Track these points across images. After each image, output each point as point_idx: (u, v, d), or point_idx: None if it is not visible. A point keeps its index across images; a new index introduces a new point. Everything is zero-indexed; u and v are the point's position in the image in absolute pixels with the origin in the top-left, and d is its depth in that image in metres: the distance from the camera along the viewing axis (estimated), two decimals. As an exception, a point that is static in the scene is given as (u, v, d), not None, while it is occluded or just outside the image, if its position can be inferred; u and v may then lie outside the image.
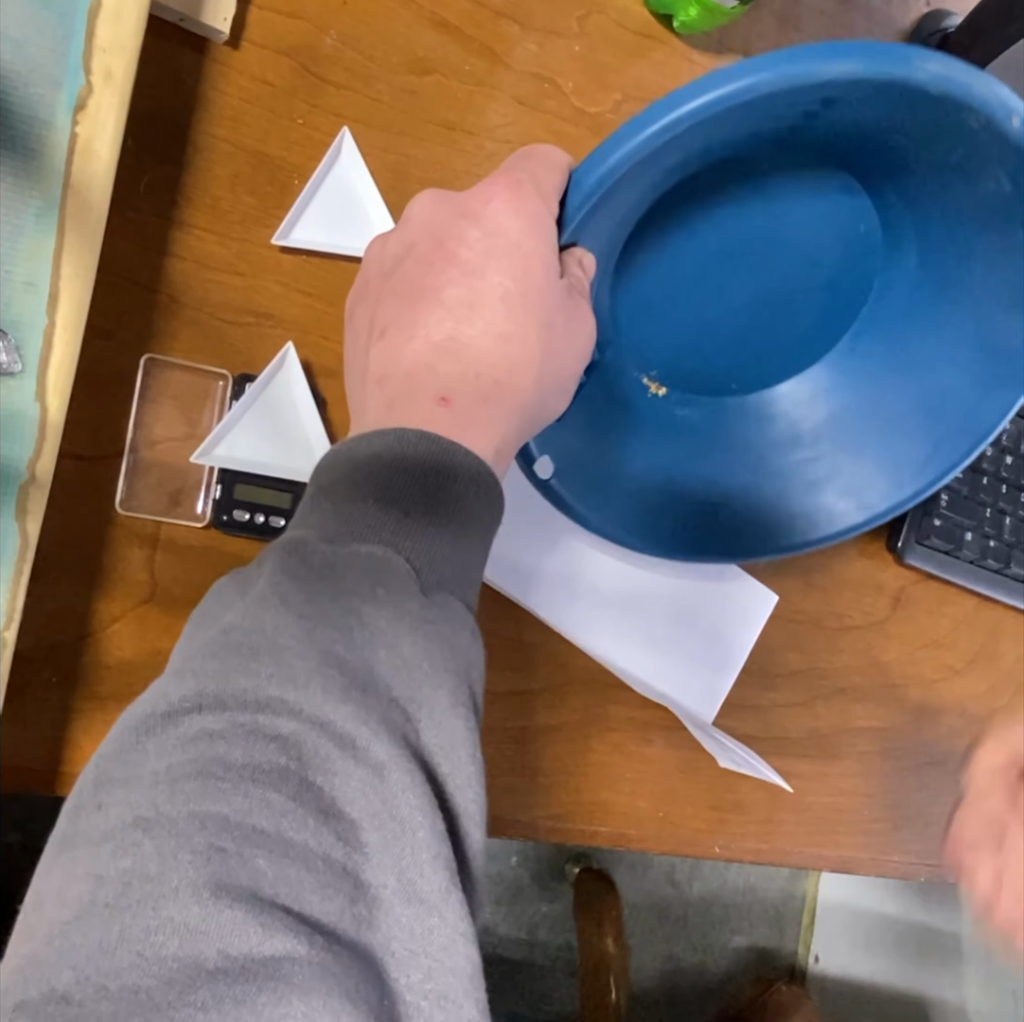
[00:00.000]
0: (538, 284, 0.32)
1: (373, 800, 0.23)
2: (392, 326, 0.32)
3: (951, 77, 0.32)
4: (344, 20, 0.48)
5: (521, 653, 0.53)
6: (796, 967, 1.62)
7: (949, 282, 0.45)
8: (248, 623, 0.26)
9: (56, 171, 0.36)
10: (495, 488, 0.32)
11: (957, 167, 0.38)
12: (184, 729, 0.24)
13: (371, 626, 0.26)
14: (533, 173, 0.34)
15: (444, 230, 0.32)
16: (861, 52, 0.31)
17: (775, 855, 0.60)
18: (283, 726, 0.24)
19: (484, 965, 0.23)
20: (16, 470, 0.37)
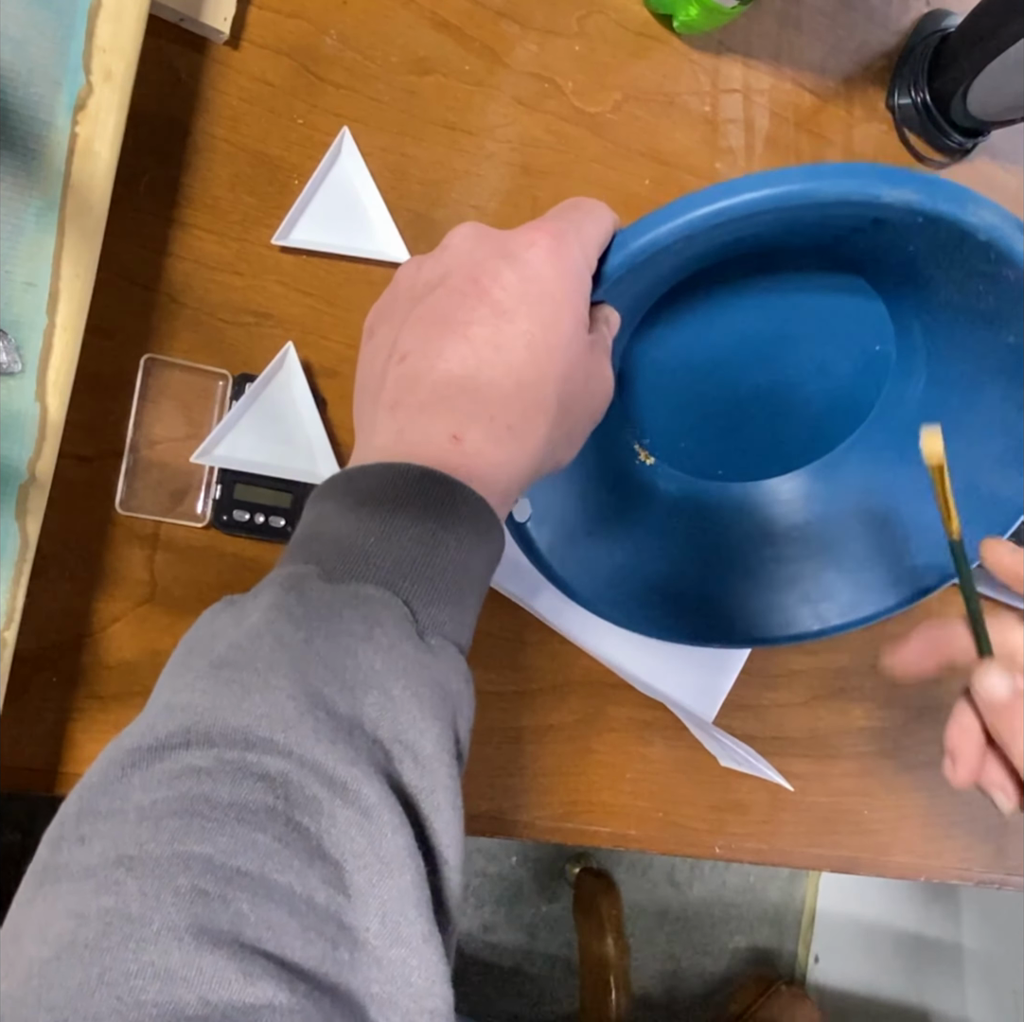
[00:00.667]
0: (565, 336, 0.32)
1: (360, 842, 0.23)
2: (414, 353, 0.32)
3: (1001, 228, 0.33)
4: (344, 20, 0.48)
5: (521, 653, 0.53)
6: (796, 967, 1.63)
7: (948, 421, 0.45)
8: (240, 659, 0.26)
9: (56, 171, 0.36)
10: (497, 532, 0.31)
11: (984, 313, 0.38)
12: (171, 764, 0.24)
13: (365, 667, 0.26)
14: (579, 225, 0.34)
15: (481, 266, 0.32)
16: (922, 183, 0.32)
17: (775, 855, 0.60)
18: (271, 765, 0.23)
19: (484, 965, 0.24)
20: (16, 470, 0.37)
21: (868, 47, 0.63)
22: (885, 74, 0.64)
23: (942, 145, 0.64)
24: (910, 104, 0.63)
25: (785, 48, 0.60)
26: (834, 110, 0.62)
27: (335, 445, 0.47)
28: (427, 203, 0.50)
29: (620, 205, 0.55)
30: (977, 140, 0.65)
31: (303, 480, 0.46)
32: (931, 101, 0.63)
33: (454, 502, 0.30)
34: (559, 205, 0.36)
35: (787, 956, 1.63)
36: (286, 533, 0.46)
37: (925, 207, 0.32)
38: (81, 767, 0.43)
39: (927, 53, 0.63)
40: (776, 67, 0.60)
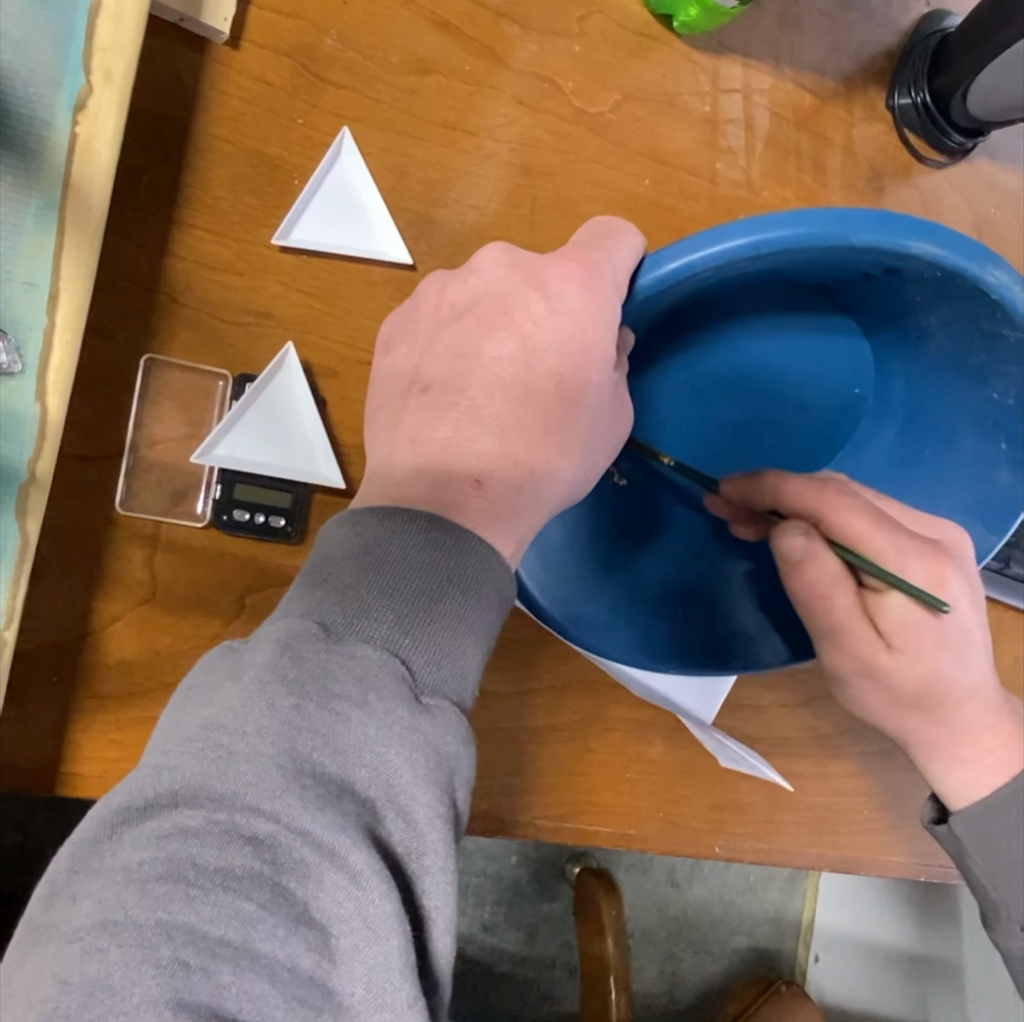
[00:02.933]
0: (594, 379, 0.31)
1: (347, 907, 0.23)
2: (439, 385, 0.31)
3: (1013, 290, 0.34)
4: (344, 20, 0.48)
5: (521, 653, 0.53)
6: (796, 967, 1.63)
7: (920, 465, 0.45)
8: (231, 722, 0.25)
9: (56, 171, 0.36)
10: (507, 582, 0.31)
11: (973, 366, 0.39)
12: (160, 823, 0.23)
13: (358, 733, 0.26)
14: (613, 256, 0.32)
15: (512, 296, 0.31)
16: (949, 239, 0.33)
17: (775, 855, 0.60)
18: (260, 828, 0.23)
19: (484, 965, 0.24)
20: (16, 470, 0.37)
21: (868, 47, 0.63)
22: (885, 74, 0.64)
23: (942, 145, 0.64)
24: (910, 104, 0.63)
25: (785, 48, 0.60)
26: (834, 110, 0.62)
27: (335, 445, 0.47)
28: (427, 203, 0.50)
29: (620, 205, 0.55)
30: (977, 140, 0.65)
31: (303, 480, 0.46)
32: (931, 101, 0.63)
33: (463, 554, 0.29)
34: (589, 226, 0.35)
35: (787, 956, 1.63)
36: (286, 533, 0.46)
37: (947, 262, 0.33)
38: (81, 767, 0.43)
39: (927, 53, 0.63)
40: (776, 67, 0.60)
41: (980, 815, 0.41)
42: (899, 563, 0.38)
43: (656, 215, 0.56)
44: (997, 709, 0.41)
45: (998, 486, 0.42)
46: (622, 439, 0.35)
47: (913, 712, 0.41)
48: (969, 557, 0.40)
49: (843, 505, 0.39)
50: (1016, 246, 0.68)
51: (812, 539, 0.40)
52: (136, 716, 0.44)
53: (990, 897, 0.41)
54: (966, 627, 0.39)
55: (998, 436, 0.41)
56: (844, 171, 0.62)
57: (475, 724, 0.52)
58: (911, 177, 0.65)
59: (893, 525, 0.39)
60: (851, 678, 0.41)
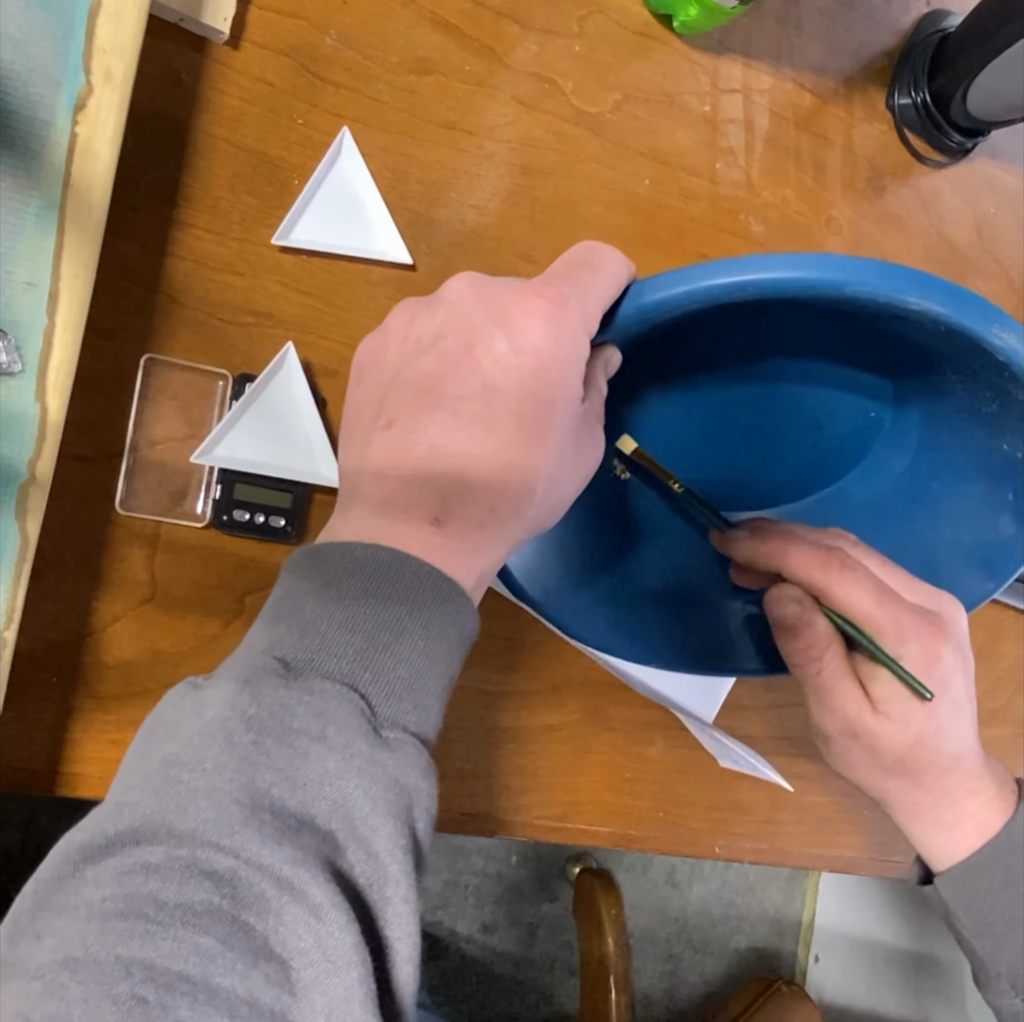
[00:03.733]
0: (557, 416, 0.31)
1: (307, 939, 0.23)
2: (401, 421, 0.31)
3: (1022, 354, 0.32)
4: (344, 20, 0.48)
5: (521, 653, 0.53)
6: (796, 967, 1.63)
7: (927, 499, 0.45)
8: (191, 758, 0.26)
9: (56, 171, 0.36)
10: (469, 615, 0.31)
11: (985, 415, 0.38)
12: (122, 859, 0.24)
13: (317, 767, 0.26)
14: (584, 291, 0.32)
15: (476, 332, 0.31)
16: (951, 297, 0.31)
17: (775, 855, 0.60)
18: (220, 863, 0.24)
19: (484, 965, 0.24)
20: (16, 470, 0.37)
21: (868, 47, 0.63)
22: (885, 74, 0.64)
23: (942, 145, 0.64)
24: (910, 104, 0.63)
25: (785, 48, 0.60)
26: (834, 110, 0.62)
27: (335, 445, 0.47)
28: (427, 203, 0.50)
29: (620, 205, 0.55)
30: (977, 140, 0.65)
31: (303, 480, 0.46)
32: (931, 101, 0.63)
33: (423, 588, 0.29)
34: (570, 254, 0.34)
35: (787, 956, 1.63)
36: (286, 533, 0.46)
37: (950, 320, 0.32)
38: (81, 767, 0.43)
39: (927, 53, 0.63)
40: (776, 67, 0.60)
41: (963, 876, 0.41)
42: (896, 640, 0.39)
43: (656, 215, 0.56)
44: (979, 775, 0.41)
45: (1001, 535, 0.41)
46: (591, 469, 0.35)
47: (896, 775, 0.41)
48: (963, 630, 0.41)
49: (846, 580, 0.40)
50: (1016, 246, 0.68)
51: (806, 607, 0.41)
52: (136, 716, 0.44)
53: (978, 956, 0.42)
54: (956, 701, 0.40)
55: (1006, 486, 0.40)
56: (844, 171, 0.62)
57: (477, 725, 0.53)
58: (911, 177, 0.65)
59: (893, 600, 0.40)
60: (837, 736, 0.42)
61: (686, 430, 0.47)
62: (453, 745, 0.51)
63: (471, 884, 1.40)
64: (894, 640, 0.39)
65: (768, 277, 0.31)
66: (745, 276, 0.31)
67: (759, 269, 0.31)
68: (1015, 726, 0.68)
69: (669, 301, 0.33)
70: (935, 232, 0.65)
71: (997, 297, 0.68)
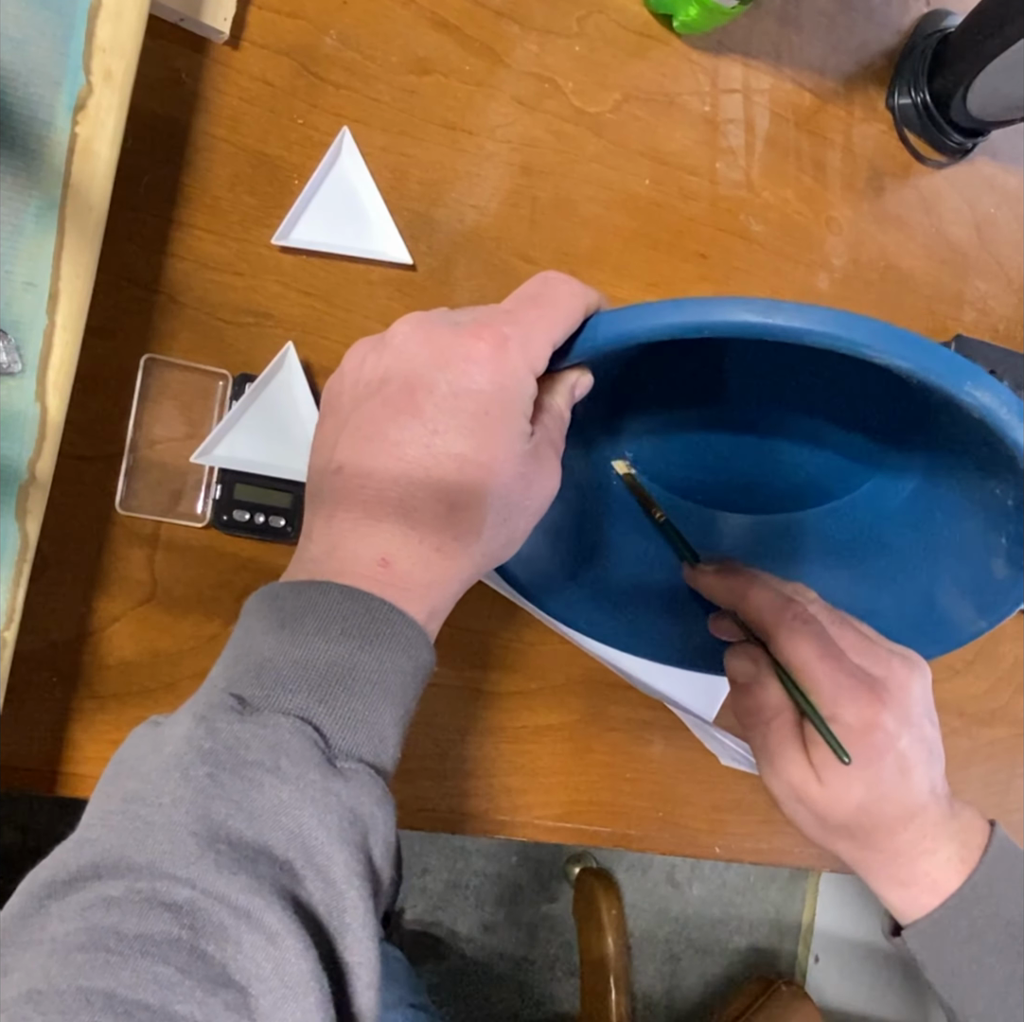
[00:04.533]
0: (499, 455, 0.32)
1: (265, 966, 0.24)
2: (348, 467, 0.32)
3: (997, 413, 0.31)
4: (344, 20, 0.48)
5: (521, 653, 0.53)
6: (796, 967, 1.62)
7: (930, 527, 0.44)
8: (149, 794, 0.26)
9: (56, 171, 0.36)
10: (423, 647, 0.32)
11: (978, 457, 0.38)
12: (85, 894, 0.24)
13: (271, 798, 0.26)
14: (529, 329, 0.32)
15: (418, 376, 0.32)
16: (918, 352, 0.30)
17: (775, 855, 0.60)
18: (179, 894, 0.24)
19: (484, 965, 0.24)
20: (16, 470, 0.37)
21: (868, 47, 0.63)
22: (885, 74, 0.64)
23: (942, 145, 0.64)
24: (910, 104, 0.63)
25: (785, 48, 0.60)
26: (834, 110, 0.62)
27: (335, 445, 0.47)
28: (427, 203, 0.50)
29: (620, 205, 0.55)
30: (977, 140, 0.65)
31: (303, 480, 0.46)
32: (931, 101, 0.63)
33: (375, 622, 0.30)
34: (522, 289, 0.34)
35: (787, 956, 1.63)
36: (286, 533, 0.46)
37: (918, 375, 0.30)
38: (81, 767, 0.43)
39: (927, 53, 0.63)
40: (776, 67, 0.60)
41: (930, 929, 0.41)
42: (831, 700, 0.39)
43: (656, 215, 0.56)
44: (936, 834, 0.41)
45: (995, 575, 0.41)
46: (545, 502, 0.35)
47: (844, 838, 0.42)
48: (913, 696, 0.40)
49: (795, 630, 0.40)
50: (1016, 246, 0.68)
51: (760, 667, 0.42)
52: (136, 716, 0.44)
53: (948, 1005, 0.42)
54: (903, 766, 0.39)
55: (1000, 529, 0.39)
56: (844, 171, 0.62)
57: (477, 725, 0.53)
58: (911, 177, 0.65)
59: (836, 659, 0.40)
60: (784, 799, 0.42)
61: (693, 433, 0.47)
62: (453, 745, 0.51)
63: (471, 884, 1.40)
64: (829, 700, 0.39)
65: (725, 320, 0.31)
66: (701, 318, 0.31)
67: (717, 312, 0.31)
68: (1015, 726, 0.68)
69: (620, 338, 0.33)
70: (935, 232, 0.65)
71: (997, 297, 0.68)
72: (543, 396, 0.35)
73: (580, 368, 0.36)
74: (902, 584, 0.45)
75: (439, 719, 0.51)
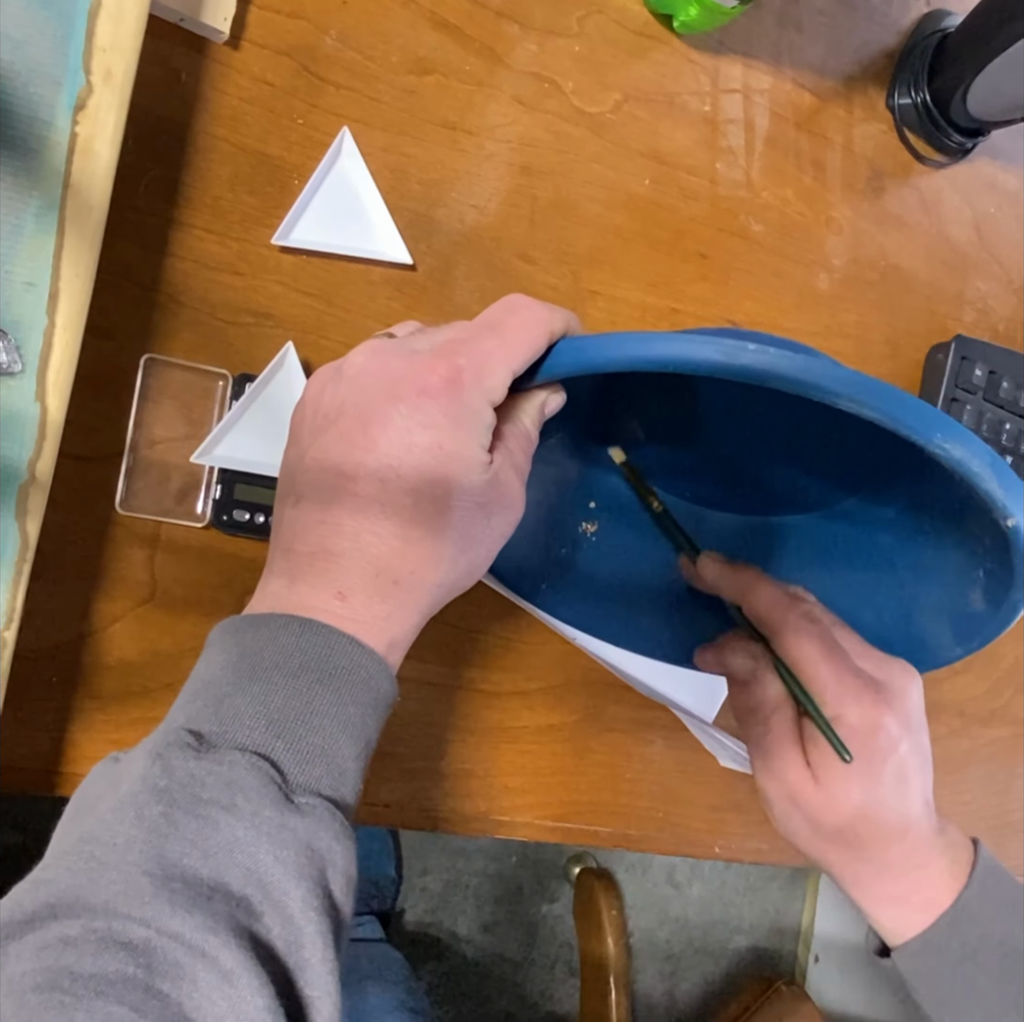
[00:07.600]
0: (456, 488, 0.32)
1: (221, 1005, 0.24)
2: (307, 500, 0.32)
3: (968, 466, 0.31)
4: (344, 20, 0.48)
5: (521, 653, 0.53)
6: (796, 967, 1.62)
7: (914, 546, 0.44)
8: (103, 834, 0.26)
9: (56, 171, 0.36)
10: (383, 678, 0.32)
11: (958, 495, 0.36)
12: (42, 934, 0.24)
13: (227, 835, 0.26)
14: (485, 359, 0.32)
15: (372, 409, 0.32)
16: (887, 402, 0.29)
17: (775, 855, 0.60)
18: (134, 933, 0.24)
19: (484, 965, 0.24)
20: (16, 470, 0.37)
21: (868, 47, 0.63)
22: (885, 74, 0.64)
23: (942, 145, 0.64)
24: (910, 104, 0.63)
25: (785, 48, 0.60)
26: (834, 110, 0.62)
27: (335, 445, 0.47)
28: (427, 203, 0.50)
29: (620, 205, 0.55)
30: (977, 140, 0.65)
31: (303, 480, 0.46)
32: (931, 101, 0.63)
33: (333, 654, 0.30)
34: (483, 316, 0.34)
35: (787, 956, 1.63)
36: (286, 533, 0.46)
37: (887, 424, 0.30)
38: (81, 767, 0.43)
39: (927, 53, 0.63)
40: (776, 67, 0.60)
41: (920, 951, 0.40)
42: (836, 700, 0.39)
43: (656, 215, 0.56)
44: (927, 849, 0.40)
45: (971, 606, 0.40)
46: (508, 528, 0.35)
47: (837, 846, 0.41)
48: (912, 701, 0.40)
49: (802, 628, 0.40)
50: (1016, 246, 0.68)
51: (759, 663, 0.42)
52: (136, 716, 0.44)
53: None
54: (901, 772, 0.39)
55: (978, 563, 0.39)
56: (844, 171, 0.62)
57: (477, 725, 0.53)
58: (911, 177, 0.65)
59: (842, 660, 0.39)
60: (778, 801, 0.41)
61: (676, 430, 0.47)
62: (453, 745, 0.51)
63: (471, 884, 1.40)
64: (834, 700, 0.39)
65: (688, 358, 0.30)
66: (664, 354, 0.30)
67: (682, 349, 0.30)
68: (1015, 726, 0.68)
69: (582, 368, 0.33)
70: (935, 232, 0.65)
71: (997, 297, 0.68)
72: (509, 417, 0.35)
73: (551, 386, 0.36)
74: (883, 600, 0.45)
75: (439, 719, 0.51)
